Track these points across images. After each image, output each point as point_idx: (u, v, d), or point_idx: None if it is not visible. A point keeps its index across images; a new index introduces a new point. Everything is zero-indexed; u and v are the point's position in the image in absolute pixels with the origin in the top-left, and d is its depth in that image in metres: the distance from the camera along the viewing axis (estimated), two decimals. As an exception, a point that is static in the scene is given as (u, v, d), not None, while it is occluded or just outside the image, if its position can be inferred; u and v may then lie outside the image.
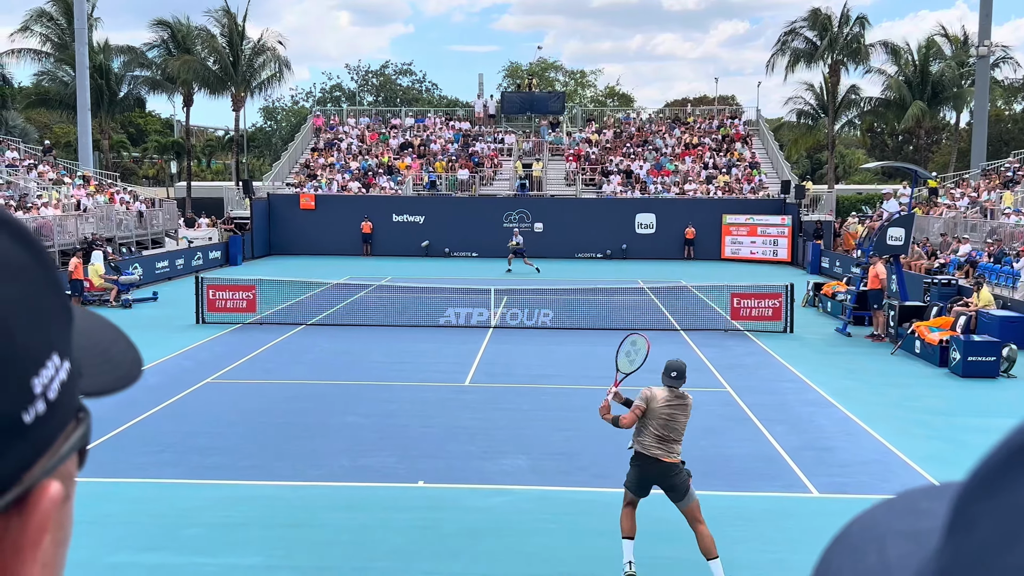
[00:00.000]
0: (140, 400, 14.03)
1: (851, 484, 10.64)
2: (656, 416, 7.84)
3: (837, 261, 34.49)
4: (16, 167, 36.41)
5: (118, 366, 0.77)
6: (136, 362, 0.79)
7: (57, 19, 54.02)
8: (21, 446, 0.62)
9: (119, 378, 0.76)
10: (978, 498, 0.52)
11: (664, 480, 7.85)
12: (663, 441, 7.84)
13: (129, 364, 0.78)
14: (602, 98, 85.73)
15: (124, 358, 0.78)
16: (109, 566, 8.15)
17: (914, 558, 0.56)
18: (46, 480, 0.65)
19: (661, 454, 7.82)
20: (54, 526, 0.66)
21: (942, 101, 55.34)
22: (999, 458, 0.52)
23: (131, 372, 0.77)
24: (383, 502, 9.81)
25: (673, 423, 7.86)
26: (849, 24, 53.56)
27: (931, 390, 15.76)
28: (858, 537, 0.61)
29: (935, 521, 0.58)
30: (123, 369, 0.77)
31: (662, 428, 7.83)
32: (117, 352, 0.78)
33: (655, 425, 7.84)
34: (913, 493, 0.63)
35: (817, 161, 75.22)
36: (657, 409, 7.84)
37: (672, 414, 7.86)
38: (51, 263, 0.69)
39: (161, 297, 26.83)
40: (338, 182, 45.54)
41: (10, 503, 0.62)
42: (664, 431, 7.83)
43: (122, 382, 0.76)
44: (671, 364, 8.13)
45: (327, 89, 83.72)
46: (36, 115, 67.42)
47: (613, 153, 48.52)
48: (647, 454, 7.83)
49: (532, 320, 22.08)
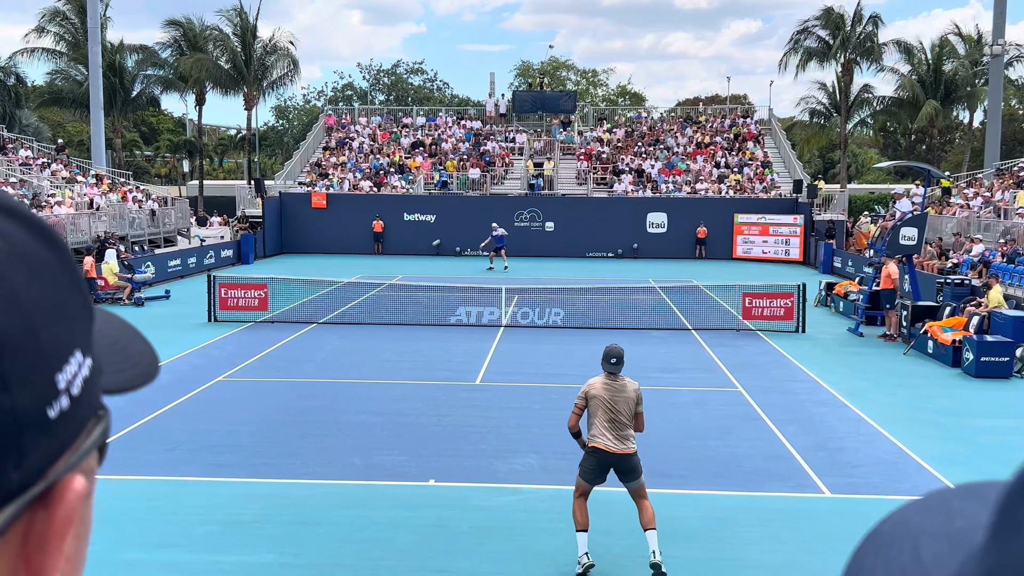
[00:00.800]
0: (152, 398, 14.08)
1: (863, 485, 10.60)
2: (599, 403, 8.02)
3: (849, 261, 34.36)
4: (29, 166, 36.60)
5: (136, 364, 0.78)
6: (153, 361, 0.80)
7: (71, 18, 54.28)
8: (46, 441, 0.63)
9: (137, 375, 0.77)
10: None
11: (621, 466, 8.04)
12: (614, 425, 8.01)
13: (147, 363, 0.79)
14: (614, 97, 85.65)
15: (142, 357, 0.79)
16: (122, 563, 8.19)
17: (951, 558, 0.56)
18: (70, 474, 0.66)
19: (616, 446, 7.99)
20: (77, 520, 0.67)
21: (955, 100, 55.11)
22: None
23: (149, 370, 0.78)
24: (394, 500, 9.83)
25: (616, 406, 8.01)
26: (862, 23, 53.38)
27: (944, 391, 15.68)
28: (890, 537, 0.60)
29: (970, 521, 0.57)
30: (141, 367, 0.78)
31: (609, 411, 8.01)
32: (135, 351, 0.79)
33: (601, 413, 8.02)
34: (945, 493, 0.63)
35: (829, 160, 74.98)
36: (598, 396, 8.04)
37: (613, 398, 8.03)
38: (73, 262, 0.70)
39: (173, 295, 26.93)
40: (349, 181, 45.61)
41: (36, 497, 0.63)
42: (611, 414, 8.00)
43: (140, 379, 0.77)
44: (609, 350, 8.30)
45: (339, 88, 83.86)
46: (49, 114, 67.79)
47: (624, 152, 48.45)
48: (605, 449, 8.00)
49: (543, 319, 22.08)
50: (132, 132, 73.72)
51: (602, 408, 8.00)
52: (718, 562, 8.37)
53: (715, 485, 10.44)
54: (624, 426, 8.01)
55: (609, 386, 8.09)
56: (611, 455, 7.97)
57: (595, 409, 8.04)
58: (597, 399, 8.03)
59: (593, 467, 8.08)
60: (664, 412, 13.78)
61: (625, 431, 8.02)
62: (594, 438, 8.06)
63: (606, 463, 8.04)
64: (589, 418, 8.11)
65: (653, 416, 13.42)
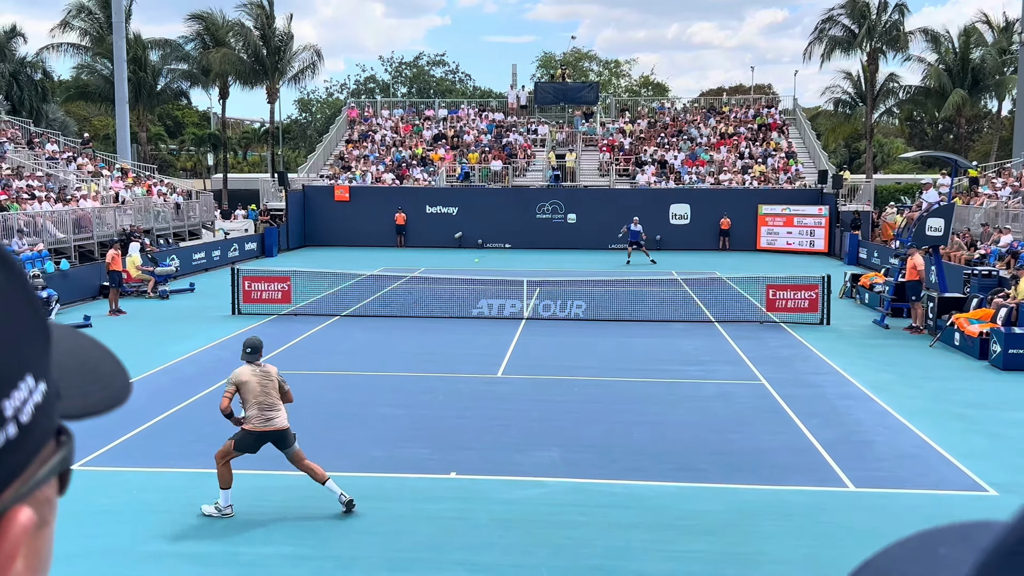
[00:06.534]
0: (175, 391, 14.18)
1: (888, 479, 10.49)
2: (252, 392, 8.97)
3: (875, 252, 34.04)
4: (56, 159, 36.90)
5: (105, 387, 0.74)
6: (124, 383, 0.76)
7: (95, 13, 54.66)
8: None
9: (104, 399, 0.73)
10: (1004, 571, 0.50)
11: (275, 440, 9.11)
12: (267, 410, 9.01)
13: (117, 385, 0.75)
14: (636, 88, 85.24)
15: (112, 379, 0.75)
16: (144, 554, 8.24)
17: None
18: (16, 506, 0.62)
19: (269, 425, 9.01)
20: (27, 553, 0.63)
21: (983, 89, 54.41)
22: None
23: (119, 393, 0.74)
24: (415, 493, 9.83)
25: (267, 390, 9.03)
26: (888, 11, 52.80)
27: (971, 383, 15.50)
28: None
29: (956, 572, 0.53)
30: (109, 391, 0.74)
31: (260, 395, 8.99)
32: (105, 372, 0.75)
33: (253, 399, 8.97)
34: (931, 536, 0.59)
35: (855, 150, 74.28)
36: (248, 383, 8.99)
37: (262, 383, 9.04)
38: (26, 282, 0.66)
39: (198, 288, 27.09)
40: (372, 174, 45.70)
41: None
42: (263, 397, 8.99)
43: (107, 403, 0.73)
44: (248, 341, 9.33)
45: (361, 81, 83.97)
46: (76, 108, 68.34)
47: (647, 143, 48.23)
48: (263, 430, 9.00)
49: (565, 312, 22.02)
50: (157, 126, 74.20)
51: (253, 394, 8.97)
52: (740, 556, 8.31)
53: (738, 479, 10.37)
54: (274, 406, 9.04)
55: (255, 373, 9.06)
56: (266, 433, 9.03)
57: (248, 396, 8.98)
58: (248, 386, 8.97)
59: (251, 442, 9.07)
60: (686, 405, 13.72)
61: (276, 409, 9.05)
62: (250, 420, 9.00)
63: (262, 440, 9.08)
64: (244, 403, 9.04)
65: (675, 409, 13.41)
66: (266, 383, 9.03)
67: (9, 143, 36.05)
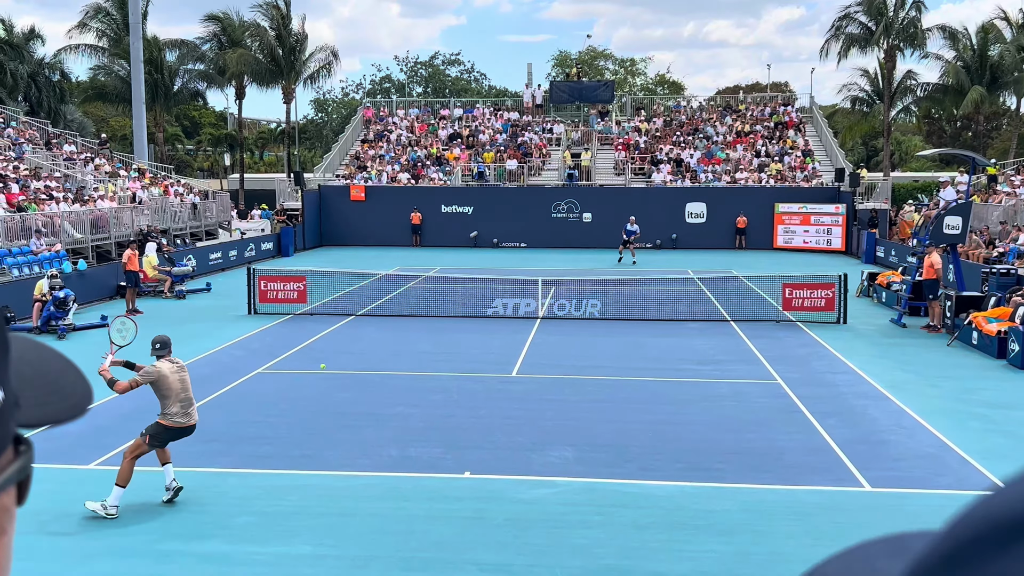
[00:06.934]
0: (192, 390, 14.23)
1: (905, 479, 10.44)
2: (174, 389, 9.15)
3: (892, 250, 33.84)
4: (74, 160, 37.15)
5: (66, 397, 0.74)
6: (85, 394, 0.76)
7: (112, 14, 54.97)
8: None
9: (64, 409, 0.73)
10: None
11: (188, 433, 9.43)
12: (188, 405, 9.28)
13: (78, 395, 0.75)
14: (652, 86, 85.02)
15: (73, 389, 0.75)
16: (160, 554, 8.29)
17: None
18: None
19: (191, 419, 9.28)
20: None
21: (1002, 86, 53.95)
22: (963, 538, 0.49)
23: (79, 403, 0.74)
24: (430, 492, 9.85)
25: (186, 387, 9.29)
26: (905, 8, 52.43)
27: (989, 383, 15.39)
28: None
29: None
30: (71, 400, 0.74)
31: (183, 395, 9.22)
32: (65, 383, 0.75)
33: (176, 396, 9.16)
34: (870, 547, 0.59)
35: (872, 148, 73.86)
36: (170, 379, 9.16)
37: (183, 379, 9.28)
38: None
39: (214, 288, 27.22)
40: (388, 173, 45.78)
41: None
42: (185, 395, 9.24)
43: (67, 413, 0.73)
44: (157, 339, 9.55)
45: (377, 81, 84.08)
46: (93, 109, 68.72)
47: (663, 142, 48.10)
48: (185, 425, 9.26)
49: (580, 311, 22.00)
50: (174, 126, 74.55)
51: (174, 391, 9.15)
52: (756, 556, 8.29)
53: (753, 478, 10.34)
54: (192, 401, 9.36)
55: (174, 371, 9.26)
56: (186, 428, 9.29)
57: (168, 392, 9.13)
58: (168, 382, 9.13)
59: (169, 437, 9.27)
60: (702, 404, 13.68)
61: (193, 404, 9.36)
62: (173, 416, 9.14)
63: (181, 434, 9.34)
64: (163, 399, 9.15)
65: (690, 409, 13.38)
66: (184, 378, 9.31)
67: (27, 144, 36.32)
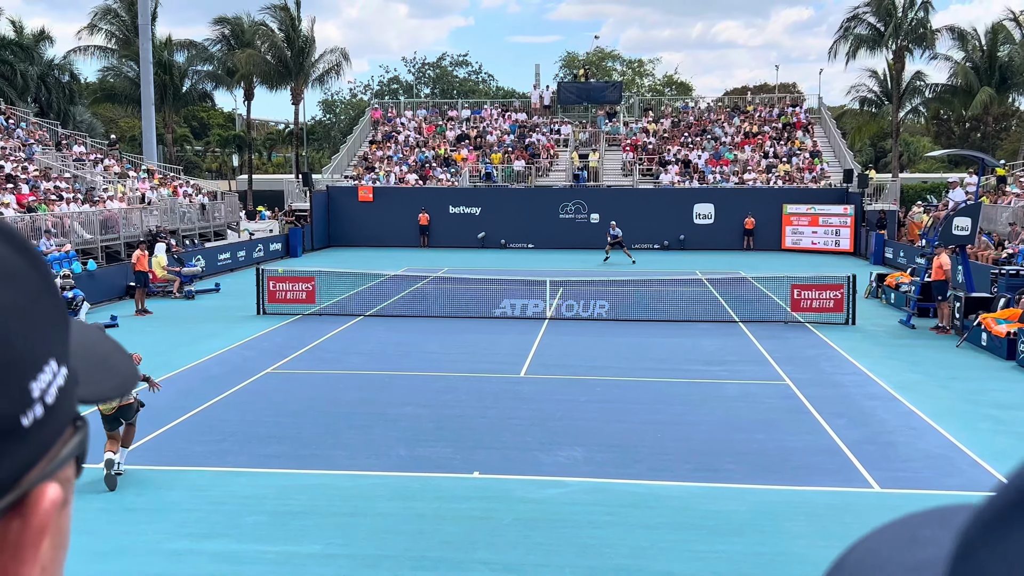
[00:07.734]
0: (202, 389, 14.31)
1: (914, 479, 10.43)
2: None
3: (901, 251, 33.77)
4: (83, 161, 37.29)
5: (117, 375, 0.78)
6: (132, 373, 0.80)
7: (121, 15, 55.17)
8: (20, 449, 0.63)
9: (114, 387, 0.77)
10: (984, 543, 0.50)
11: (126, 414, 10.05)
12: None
13: (126, 374, 0.79)
14: (660, 87, 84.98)
15: (121, 368, 0.79)
16: (170, 553, 8.33)
17: None
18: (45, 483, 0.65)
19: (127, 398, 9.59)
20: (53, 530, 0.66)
21: (1011, 87, 53.79)
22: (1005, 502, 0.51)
23: (127, 382, 0.79)
24: (439, 492, 9.87)
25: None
26: (914, 9, 52.33)
27: (998, 384, 15.36)
28: (856, 567, 0.59)
29: (936, 550, 0.56)
30: (119, 379, 0.78)
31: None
32: (114, 362, 0.79)
33: None
34: (912, 520, 0.61)
35: (881, 149, 73.73)
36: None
37: None
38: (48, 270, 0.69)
39: (223, 288, 27.30)
40: (395, 174, 45.85)
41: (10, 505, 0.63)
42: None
43: (117, 391, 0.77)
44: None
45: (385, 82, 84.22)
46: (102, 110, 68.96)
47: (671, 143, 48.09)
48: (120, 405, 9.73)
49: (588, 311, 22.00)
50: (183, 127, 74.74)
51: None
52: (764, 557, 8.29)
53: (762, 479, 10.34)
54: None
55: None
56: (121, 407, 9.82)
57: None
58: None
59: (114, 420, 9.91)
60: (710, 405, 13.68)
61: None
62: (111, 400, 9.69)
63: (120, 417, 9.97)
64: None
65: (699, 409, 13.38)
66: None
67: (37, 145, 36.48)
